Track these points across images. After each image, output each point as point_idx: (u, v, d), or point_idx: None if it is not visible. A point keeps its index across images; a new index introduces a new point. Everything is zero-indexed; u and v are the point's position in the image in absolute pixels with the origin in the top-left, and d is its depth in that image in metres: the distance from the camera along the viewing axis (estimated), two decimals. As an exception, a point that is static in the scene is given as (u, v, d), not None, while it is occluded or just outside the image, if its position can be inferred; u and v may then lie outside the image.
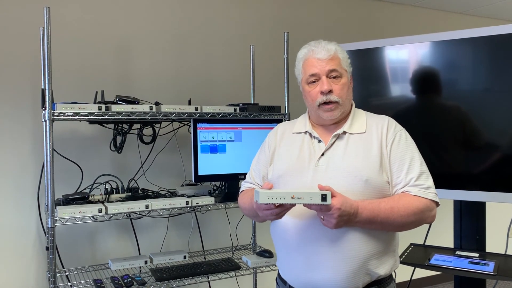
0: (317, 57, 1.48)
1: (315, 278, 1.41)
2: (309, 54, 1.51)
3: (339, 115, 1.50)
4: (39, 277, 2.53)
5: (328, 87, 1.46)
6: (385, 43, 2.36)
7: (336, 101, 1.47)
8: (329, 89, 1.46)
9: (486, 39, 2.09)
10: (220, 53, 3.04)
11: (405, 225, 1.40)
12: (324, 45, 1.50)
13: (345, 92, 1.49)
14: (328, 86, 1.46)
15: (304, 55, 1.53)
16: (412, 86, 2.31)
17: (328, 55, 1.48)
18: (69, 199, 2.24)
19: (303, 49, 1.55)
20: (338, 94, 1.47)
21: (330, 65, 1.47)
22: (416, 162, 1.45)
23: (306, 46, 1.54)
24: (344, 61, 1.52)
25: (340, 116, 1.51)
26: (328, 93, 1.46)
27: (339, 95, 1.47)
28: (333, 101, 1.47)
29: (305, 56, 1.52)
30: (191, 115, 2.35)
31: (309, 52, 1.51)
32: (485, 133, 2.12)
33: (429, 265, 2.06)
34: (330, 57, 1.48)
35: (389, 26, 3.70)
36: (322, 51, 1.48)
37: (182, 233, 2.90)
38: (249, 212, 1.57)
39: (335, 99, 1.47)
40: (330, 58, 1.48)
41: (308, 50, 1.52)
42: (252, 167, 1.69)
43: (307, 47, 1.54)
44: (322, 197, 1.26)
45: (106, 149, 2.63)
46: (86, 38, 2.65)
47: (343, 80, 1.49)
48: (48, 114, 2.02)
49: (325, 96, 1.47)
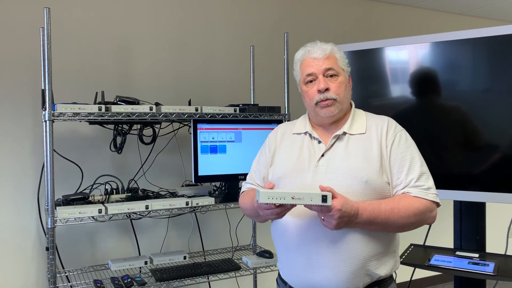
0: (313, 57, 1.50)
1: (316, 278, 1.41)
2: (305, 55, 1.53)
3: (337, 112, 1.49)
4: (39, 277, 2.53)
5: (325, 85, 1.47)
6: (385, 43, 2.36)
7: (333, 98, 1.47)
8: (326, 87, 1.47)
9: (485, 39, 2.10)
10: (220, 54, 3.04)
11: (405, 226, 1.40)
12: (320, 45, 1.52)
13: (343, 90, 1.50)
14: (325, 84, 1.47)
15: (301, 56, 1.55)
16: (412, 87, 2.31)
17: (324, 54, 1.49)
18: (69, 199, 2.24)
19: (300, 51, 1.57)
20: (335, 92, 1.48)
21: (326, 63, 1.48)
22: (416, 163, 1.45)
23: (303, 48, 1.56)
24: (341, 60, 1.53)
25: (338, 114, 1.51)
26: (325, 91, 1.47)
27: (336, 93, 1.48)
28: (330, 98, 1.47)
29: (302, 57, 1.54)
30: (191, 116, 2.36)
31: (306, 53, 1.53)
32: (485, 133, 2.12)
33: (429, 266, 2.06)
34: (326, 56, 1.49)
35: (389, 26, 3.70)
36: (318, 51, 1.50)
37: (182, 233, 2.90)
38: (250, 212, 1.57)
39: (332, 96, 1.47)
40: (326, 57, 1.49)
41: (304, 51, 1.54)
42: (253, 168, 1.69)
43: (303, 48, 1.56)
44: (322, 198, 1.26)
45: (106, 149, 2.63)
46: (86, 39, 2.65)
47: (340, 78, 1.50)
48: (48, 114, 2.02)
49: (322, 94, 1.47)
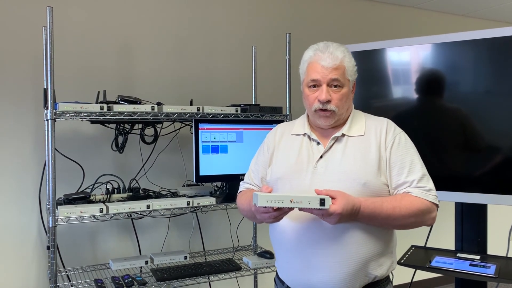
0: (321, 64, 1.44)
1: (313, 279, 1.41)
2: (314, 58, 1.47)
3: (333, 122, 1.49)
4: (40, 276, 2.53)
5: (326, 97, 1.44)
6: (387, 44, 2.36)
7: (332, 110, 1.46)
8: (327, 99, 1.44)
9: (487, 41, 2.09)
10: (222, 54, 3.04)
11: (405, 225, 1.41)
12: (331, 51, 1.45)
13: (343, 102, 1.47)
14: (327, 96, 1.44)
15: (309, 58, 1.49)
16: (413, 88, 2.31)
17: (333, 63, 1.44)
18: (70, 198, 2.24)
19: (310, 50, 1.50)
20: (336, 104, 1.45)
21: (333, 74, 1.44)
22: (416, 165, 1.45)
23: (314, 47, 1.50)
24: (349, 70, 1.48)
25: (335, 124, 1.50)
26: (326, 102, 1.45)
27: (337, 105, 1.45)
28: (330, 109, 1.45)
29: (310, 59, 1.48)
30: (192, 116, 2.36)
31: (315, 56, 1.47)
32: (486, 135, 2.12)
33: (430, 267, 2.06)
34: (335, 66, 1.44)
35: (391, 27, 3.70)
36: (328, 58, 1.44)
37: (183, 233, 2.90)
38: (247, 213, 1.56)
39: (331, 108, 1.45)
40: (334, 67, 1.44)
41: (314, 53, 1.48)
42: (251, 168, 1.68)
43: (314, 48, 1.49)
44: (320, 202, 1.26)
45: (107, 149, 2.63)
46: (88, 38, 2.65)
47: (344, 90, 1.46)
48: (50, 113, 2.02)
49: (322, 104, 1.45)
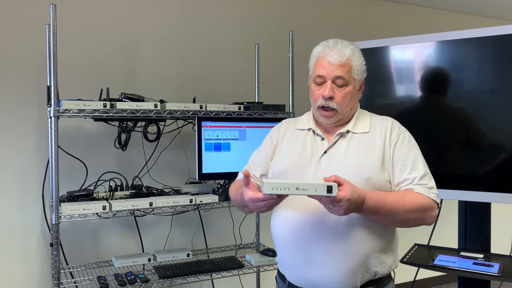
0: (328, 60, 1.45)
1: (314, 275, 1.41)
2: (322, 54, 1.48)
3: (335, 122, 1.49)
4: (43, 273, 2.54)
5: (329, 94, 1.44)
6: (390, 42, 2.35)
7: (334, 108, 1.46)
8: (330, 95, 1.44)
9: (492, 39, 2.08)
10: (225, 51, 3.04)
11: (407, 221, 1.39)
12: (340, 48, 1.45)
13: (347, 101, 1.47)
14: (330, 92, 1.44)
15: (318, 53, 1.50)
16: (417, 86, 2.30)
17: (339, 60, 1.44)
18: (73, 195, 2.25)
19: (319, 47, 1.51)
20: (338, 102, 1.45)
21: (339, 71, 1.44)
22: (419, 163, 1.45)
23: (324, 43, 1.50)
24: (356, 68, 1.48)
25: (337, 123, 1.50)
26: (329, 99, 1.45)
27: (339, 103, 1.46)
28: (332, 107, 1.45)
29: (319, 55, 1.49)
30: (195, 113, 2.36)
31: (323, 52, 1.48)
32: (490, 133, 2.11)
33: (433, 266, 2.06)
34: (341, 63, 1.44)
35: (394, 25, 3.68)
36: (334, 55, 1.44)
37: (186, 231, 2.90)
38: (237, 202, 1.55)
39: (333, 106, 1.45)
40: (340, 64, 1.44)
41: (323, 49, 1.49)
42: (252, 158, 1.68)
43: (323, 45, 1.50)
44: (327, 189, 1.23)
45: (110, 146, 2.63)
46: (92, 36, 2.65)
47: (348, 88, 1.46)
48: (53, 111, 2.02)
49: (325, 101, 1.45)
